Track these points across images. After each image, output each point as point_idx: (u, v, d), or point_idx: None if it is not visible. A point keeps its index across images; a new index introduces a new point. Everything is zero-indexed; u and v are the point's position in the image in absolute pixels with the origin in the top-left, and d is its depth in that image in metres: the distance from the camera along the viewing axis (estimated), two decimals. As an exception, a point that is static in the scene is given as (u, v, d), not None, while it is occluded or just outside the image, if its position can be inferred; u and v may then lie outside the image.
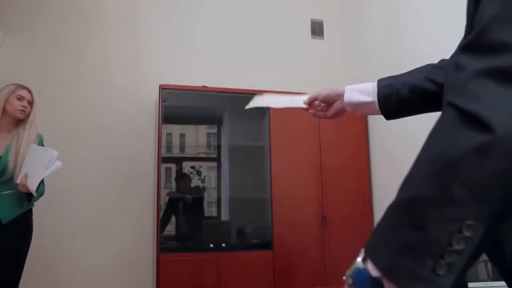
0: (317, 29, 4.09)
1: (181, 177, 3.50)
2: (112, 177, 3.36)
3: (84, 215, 3.24)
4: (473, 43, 0.50)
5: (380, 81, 1.04)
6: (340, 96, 1.10)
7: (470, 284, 0.88)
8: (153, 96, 3.47)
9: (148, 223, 3.35)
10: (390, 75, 1.03)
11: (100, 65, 3.50)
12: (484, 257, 1.28)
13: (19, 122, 2.46)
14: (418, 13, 2.99)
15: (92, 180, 3.28)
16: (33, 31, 3.42)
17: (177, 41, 3.71)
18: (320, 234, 3.26)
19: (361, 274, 0.51)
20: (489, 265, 1.29)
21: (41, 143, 2.47)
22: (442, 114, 0.49)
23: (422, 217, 0.45)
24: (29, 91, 2.50)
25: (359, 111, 1.09)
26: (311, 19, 4.09)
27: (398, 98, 0.99)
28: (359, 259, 0.52)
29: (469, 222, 0.42)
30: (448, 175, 0.44)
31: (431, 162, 0.46)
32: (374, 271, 0.49)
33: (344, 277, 0.54)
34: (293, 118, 3.39)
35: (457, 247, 0.42)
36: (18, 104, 2.43)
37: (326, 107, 1.14)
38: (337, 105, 1.11)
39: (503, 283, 0.62)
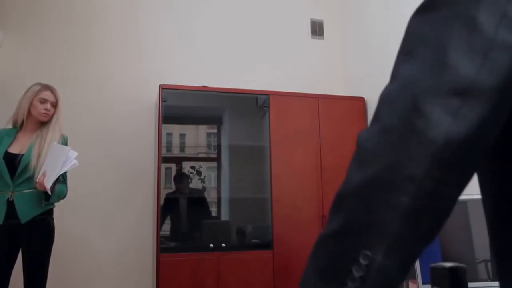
0: (317, 29, 4.09)
1: (180, 177, 3.50)
2: (112, 177, 3.36)
3: (84, 215, 3.24)
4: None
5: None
6: None
7: (470, 284, 0.88)
8: (153, 96, 3.47)
9: (148, 223, 3.35)
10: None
11: (100, 65, 3.50)
12: (483, 256, 1.28)
13: (44, 123, 2.47)
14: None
15: (92, 180, 3.28)
16: (33, 31, 3.42)
17: (177, 41, 3.71)
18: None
19: None
20: (489, 265, 1.29)
21: (64, 144, 2.46)
22: None
23: (335, 243, 0.47)
24: (52, 92, 2.49)
25: None
26: (311, 19, 4.09)
27: None
28: None
29: (365, 252, 0.44)
30: (345, 207, 0.47)
31: (340, 191, 0.50)
32: None
33: None
34: (293, 118, 3.39)
35: (357, 274, 0.44)
36: (41, 108, 2.43)
37: None
38: None
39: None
